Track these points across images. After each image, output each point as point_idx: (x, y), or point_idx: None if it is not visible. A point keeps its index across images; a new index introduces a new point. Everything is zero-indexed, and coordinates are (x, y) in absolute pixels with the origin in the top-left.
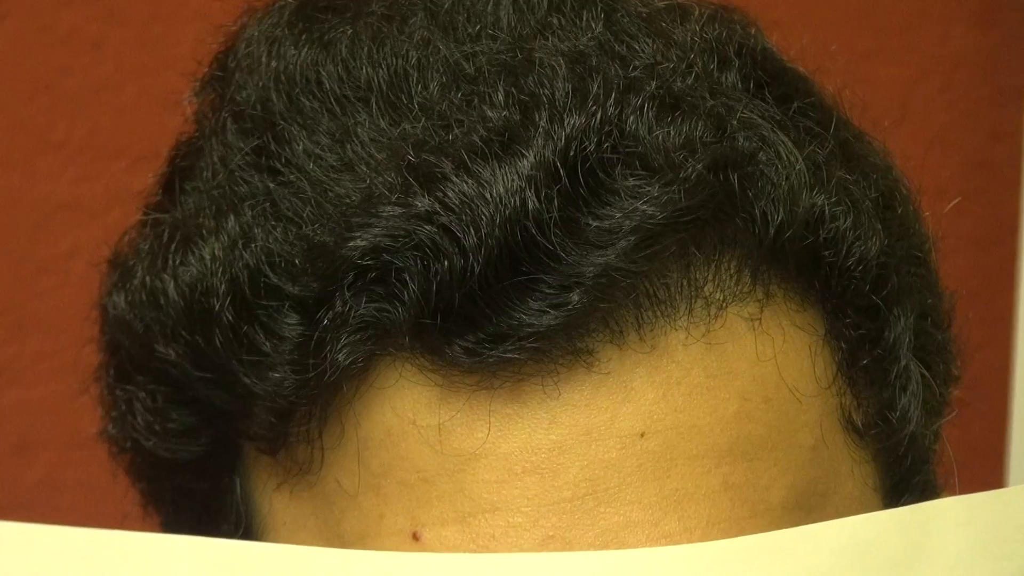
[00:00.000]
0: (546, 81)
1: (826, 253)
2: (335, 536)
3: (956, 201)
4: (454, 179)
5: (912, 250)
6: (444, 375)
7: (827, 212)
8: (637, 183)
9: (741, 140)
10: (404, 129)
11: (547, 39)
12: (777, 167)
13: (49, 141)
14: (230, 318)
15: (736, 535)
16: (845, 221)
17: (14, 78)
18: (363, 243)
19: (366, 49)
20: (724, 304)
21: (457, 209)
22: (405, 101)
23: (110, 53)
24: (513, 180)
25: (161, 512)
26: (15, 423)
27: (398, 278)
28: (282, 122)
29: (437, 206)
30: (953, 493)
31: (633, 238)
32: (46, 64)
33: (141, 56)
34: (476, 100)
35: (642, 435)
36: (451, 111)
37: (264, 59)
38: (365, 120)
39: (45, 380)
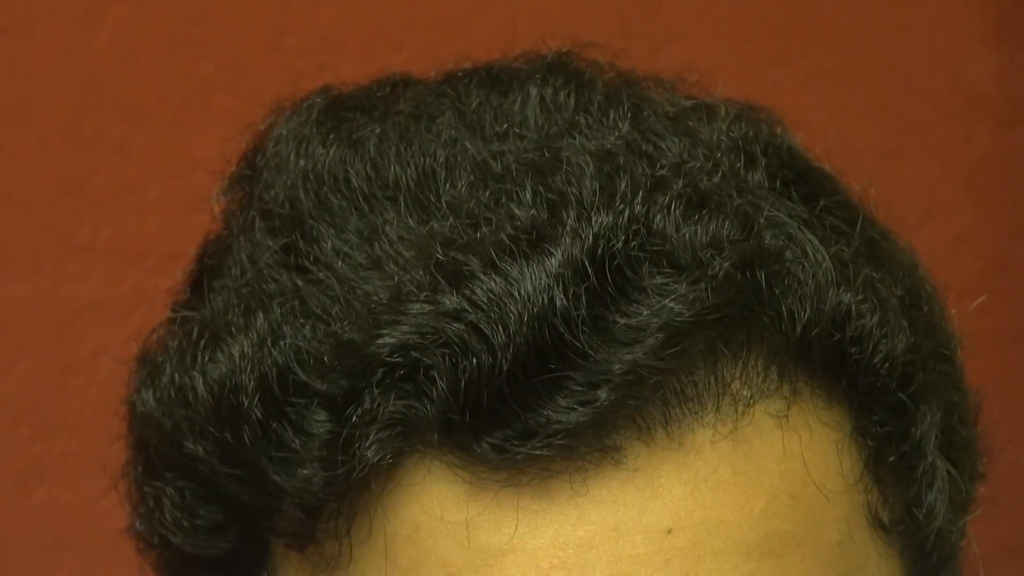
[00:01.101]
0: (573, 180)
1: (853, 350)
2: None
3: (981, 299)
4: (482, 277)
5: (938, 348)
6: (472, 471)
7: (854, 310)
8: (664, 281)
9: (768, 238)
10: (432, 227)
11: (574, 138)
12: (804, 265)
13: (74, 243)
14: (259, 415)
15: None
16: (872, 319)
17: (40, 180)
18: (392, 340)
19: (394, 148)
20: (751, 401)
21: (485, 307)
22: (433, 199)
23: (134, 155)
24: (541, 278)
25: None
26: (43, 522)
27: (426, 375)
28: (310, 220)
29: (465, 304)
30: None
31: (661, 336)
32: (71, 166)
33: (165, 158)
34: (504, 198)
35: (669, 531)
36: (479, 209)
37: (292, 158)
38: (393, 218)
39: (72, 480)
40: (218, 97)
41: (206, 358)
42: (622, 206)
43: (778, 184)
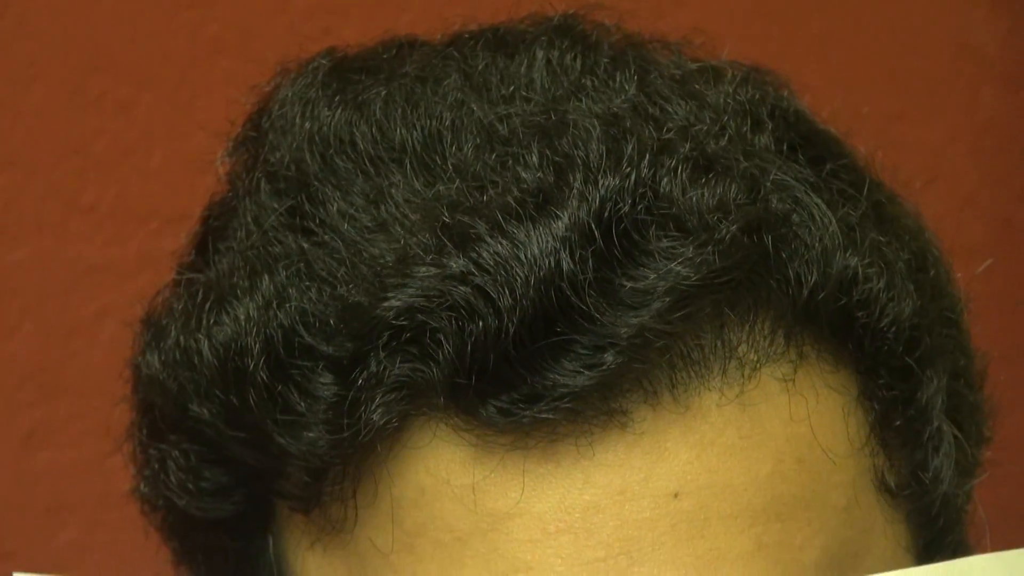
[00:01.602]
0: (580, 143)
1: (859, 314)
2: None
3: (988, 263)
4: (488, 240)
5: (944, 311)
6: (478, 435)
7: (860, 273)
8: (671, 244)
9: (774, 202)
10: (438, 190)
11: (581, 101)
12: (810, 228)
13: (79, 204)
14: (264, 378)
15: None
16: (878, 282)
17: (44, 141)
18: (398, 303)
19: (400, 110)
20: (758, 365)
21: (492, 270)
22: (439, 162)
23: (140, 116)
24: (548, 241)
25: (193, 571)
26: (46, 485)
27: (433, 338)
28: (316, 182)
29: (472, 267)
30: (985, 553)
31: (667, 299)
32: (76, 127)
33: (170, 119)
34: (510, 161)
35: (676, 495)
36: (485, 172)
37: (298, 120)
38: (399, 181)
39: (76, 442)
40: (223, 59)
41: (211, 320)
42: (629, 169)
43: (785, 147)
